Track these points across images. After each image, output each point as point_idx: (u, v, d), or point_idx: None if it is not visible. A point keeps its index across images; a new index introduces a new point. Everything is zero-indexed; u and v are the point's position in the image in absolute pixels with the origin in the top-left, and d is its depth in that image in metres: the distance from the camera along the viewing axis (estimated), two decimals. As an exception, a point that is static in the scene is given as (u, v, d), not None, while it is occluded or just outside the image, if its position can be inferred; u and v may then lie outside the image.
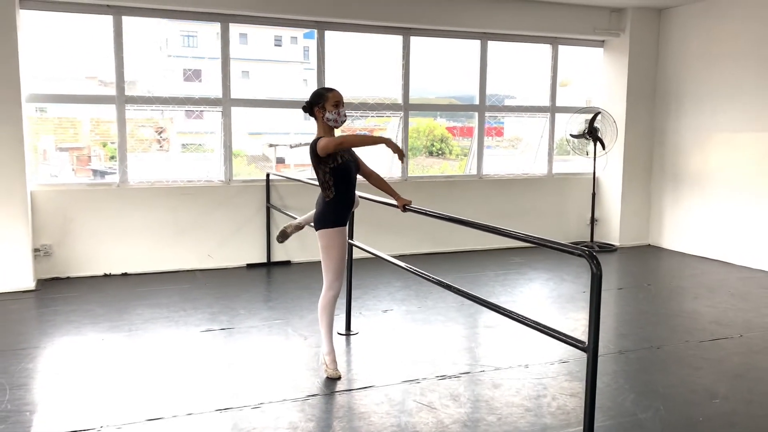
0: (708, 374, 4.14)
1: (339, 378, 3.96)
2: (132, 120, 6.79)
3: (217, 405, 3.58)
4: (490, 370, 4.17)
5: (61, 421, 3.37)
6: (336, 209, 3.84)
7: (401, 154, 3.80)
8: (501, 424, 3.41)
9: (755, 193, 7.12)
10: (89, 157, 7.13)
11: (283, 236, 4.37)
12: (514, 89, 8.77)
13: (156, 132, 7.30)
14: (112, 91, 6.49)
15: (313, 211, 4.04)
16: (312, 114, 3.85)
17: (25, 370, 4.10)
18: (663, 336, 4.89)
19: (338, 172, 3.79)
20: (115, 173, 6.67)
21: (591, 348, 2.43)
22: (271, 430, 3.29)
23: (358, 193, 4.07)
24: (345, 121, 3.87)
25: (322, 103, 3.80)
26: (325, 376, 3.98)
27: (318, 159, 3.76)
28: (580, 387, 3.86)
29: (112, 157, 7.00)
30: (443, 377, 4.01)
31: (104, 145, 7.16)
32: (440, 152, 8.90)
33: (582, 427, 2.58)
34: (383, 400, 3.69)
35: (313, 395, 3.75)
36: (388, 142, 3.73)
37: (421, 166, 8.57)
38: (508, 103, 8.63)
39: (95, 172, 7.10)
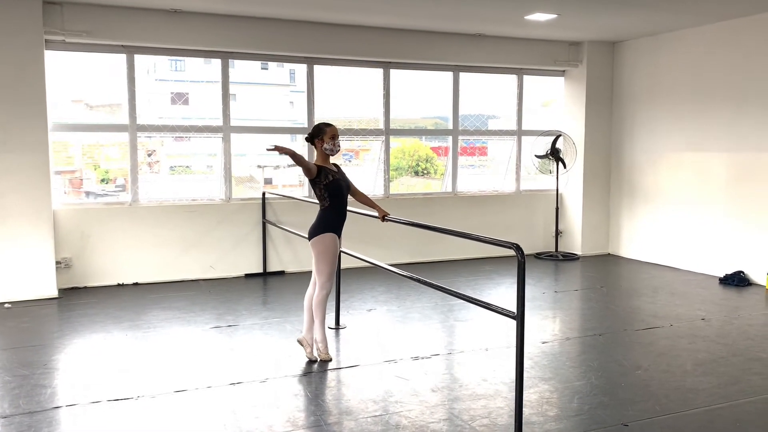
0: (637, 354, 4.99)
1: (330, 360, 4.77)
2: (124, 143, 7.40)
3: (230, 380, 4.37)
4: (457, 353, 5.01)
5: (104, 393, 4.14)
6: (330, 217, 4.68)
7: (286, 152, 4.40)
8: (462, 389, 4.23)
9: (696, 206, 8.05)
10: (81, 180, 7.69)
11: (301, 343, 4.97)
12: (496, 110, 9.66)
13: (147, 154, 7.97)
14: (102, 115, 7.28)
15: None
16: (313, 143, 4.70)
17: (66, 358, 4.87)
18: (606, 326, 5.75)
19: (330, 187, 4.64)
20: (107, 195, 7.46)
21: (519, 316, 3.25)
22: (277, 397, 4.09)
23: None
24: (339, 150, 4.75)
25: (321, 136, 4.66)
26: (318, 359, 4.78)
27: (314, 178, 4.62)
28: (527, 363, 4.69)
29: (103, 180, 7.74)
30: (417, 358, 4.83)
31: (95, 168, 7.81)
32: (425, 172, 9.68)
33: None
34: (367, 374, 4.50)
35: (309, 373, 4.55)
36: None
37: (405, 185, 9.34)
38: (491, 122, 9.53)
39: (88, 194, 7.65)
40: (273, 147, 4.37)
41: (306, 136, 4.79)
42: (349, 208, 5.14)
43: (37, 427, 3.63)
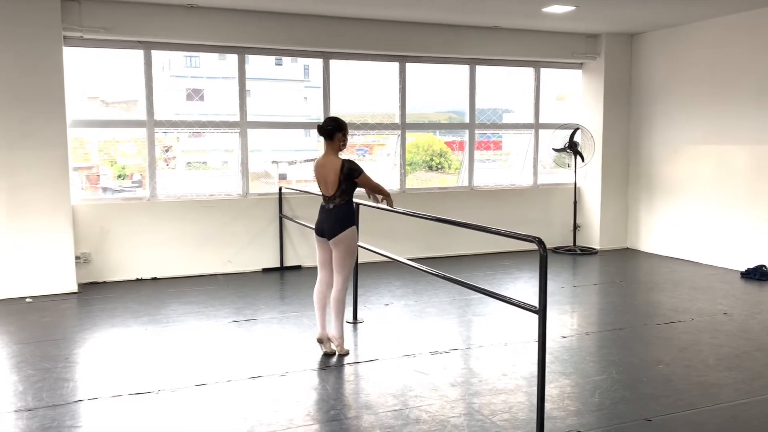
0: (658, 348, 4.94)
1: (347, 353, 4.76)
2: (140, 139, 7.49)
3: (249, 374, 4.38)
4: (476, 347, 4.99)
5: (125, 386, 4.17)
6: (352, 211, 4.73)
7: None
8: (481, 384, 4.21)
9: (716, 199, 7.95)
10: (98, 176, 7.76)
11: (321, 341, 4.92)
12: (511, 104, 9.58)
13: (164, 150, 8.02)
14: (118, 111, 7.32)
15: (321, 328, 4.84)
16: (331, 137, 4.65)
17: (87, 352, 4.91)
18: (625, 320, 5.70)
19: (354, 186, 4.70)
20: (123, 191, 7.50)
21: (541, 311, 3.23)
22: (296, 391, 4.09)
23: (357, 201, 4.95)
24: None
25: (344, 132, 4.68)
26: (336, 353, 4.76)
27: (349, 175, 4.59)
28: (547, 358, 4.65)
29: (120, 176, 7.79)
30: (436, 353, 4.82)
31: (112, 164, 7.87)
32: (439, 166, 9.64)
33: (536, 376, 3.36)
34: (385, 368, 4.49)
35: (327, 367, 4.55)
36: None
37: (419, 180, 9.33)
38: (506, 116, 9.47)
39: (105, 189, 7.70)
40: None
41: (325, 127, 4.67)
42: (363, 201, 5.16)
43: (61, 420, 3.67)
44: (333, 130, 4.66)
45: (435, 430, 3.52)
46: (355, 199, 4.84)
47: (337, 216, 4.66)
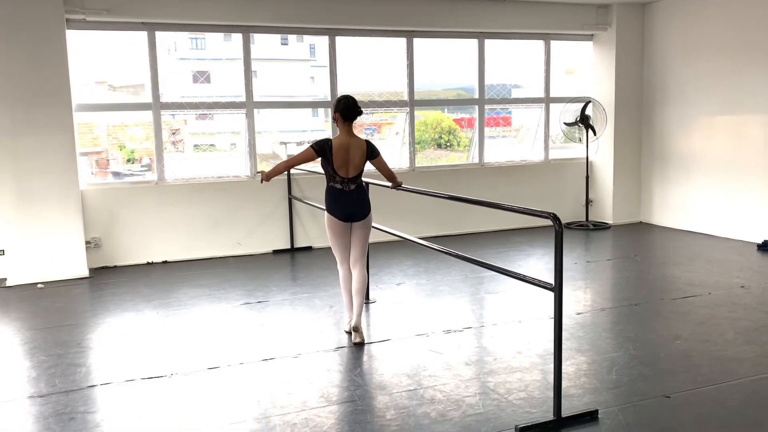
0: (675, 323, 4.86)
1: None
2: (147, 123, 7.43)
3: (262, 356, 4.35)
4: (489, 326, 4.93)
5: (137, 371, 4.15)
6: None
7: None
8: (496, 362, 4.16)
9: (732, 171, 7.80)
10: (107, 160, 7.74)
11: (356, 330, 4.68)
12: (520, 79, 9.41)
13: (171, 133, 7.98)
14: (125, 96, 7.25)
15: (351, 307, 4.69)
16: (355, 118, 4.51)
17: (99, 337, 4.90)
18: (641, 295, 5.62)
19: None
20: (133, 175, 7.45)
21: (557, 288, 3.15)
22: (310, 372, 4.06)
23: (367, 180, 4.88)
24: None
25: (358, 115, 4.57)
26: (363, 341, 4.57)
27: (371, 155, 4.56)
28: (564, 335, 4.59)
29: (129, 160, 7.75)
30: (449, 332, 4.77)
31: (121, 149, 7.84)
32: (448, 144, 9.52)
33: (552, 356, 3.30)
34: (399, 348, 4.45)
35: (341, 347, 4.51)
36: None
37: (428, 158, 9.23)
38: (515, 92, 9.32)
39: (115, 174, 7.70)
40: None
41: (357, 110, 4.48)
42: (373, 181, 5.09)
43: (74, 406, 3.65)
44: (360, 113, 4.54)
45: (450, 410, 3.48)
46: (365, 179, 4.78)
47: (362, 196, 4.62)
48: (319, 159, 4.52)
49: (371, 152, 4.58)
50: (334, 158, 4.46)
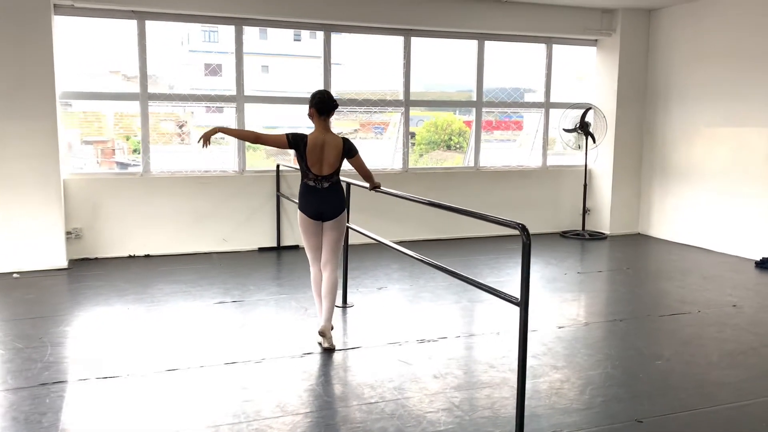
0: (659, 342, 4.67)
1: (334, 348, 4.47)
2: (155, 114, 7.40)
3: (225, 360, 4.19)
4: (465, 336, 4.75)
5: (93, 370, 4.00)
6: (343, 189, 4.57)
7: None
8: (466, 376, 3.98)
9: (733, 184, 7.58)
10: (113, 150, 7.67)
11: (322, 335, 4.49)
12: (533, 84, 9.17)
13: (177, 126, 7.91)
14: (135, 86, 7.14)
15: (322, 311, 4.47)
16: (331, 113, 4.37)
17: (63, 331, 4.75)
18: (628, 311, 5.42)
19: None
20: (138, 165, 7.31)
21: (522, 302, 2.97)
22: (271, 379, 3.90)
23: (348, 180, 4.69)
24: None
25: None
26: (334, 347, 4.40)
27: (348, 153, 4.39)
28: (540, 350, 4.41)
29: (135, 150, 7.63)
30: (423, 341, 4.59)
31: (127, 139, 7.75)
32: (458, 146, 9.31)
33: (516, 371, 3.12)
34: (368, 357, 4.27)
35: (308, 353, 4.34)
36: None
37: (435, 160, 9.01)
38: (528, 96, 9.11)
39: (120, 164, 7.63)
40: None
41: (332, 103, 4.35)
42: (354, 181, 4.95)
43: (19, 405, 3.50)
44: (336, 106, 4.40)
45: (408, 427, 3.30)
46: (345, 179, 4.62)
47: (335, 195, 4.45)
48: (293, 152, 4.38)
49: (348, 150, 4.41)
50: (308, 155, 4.32)
